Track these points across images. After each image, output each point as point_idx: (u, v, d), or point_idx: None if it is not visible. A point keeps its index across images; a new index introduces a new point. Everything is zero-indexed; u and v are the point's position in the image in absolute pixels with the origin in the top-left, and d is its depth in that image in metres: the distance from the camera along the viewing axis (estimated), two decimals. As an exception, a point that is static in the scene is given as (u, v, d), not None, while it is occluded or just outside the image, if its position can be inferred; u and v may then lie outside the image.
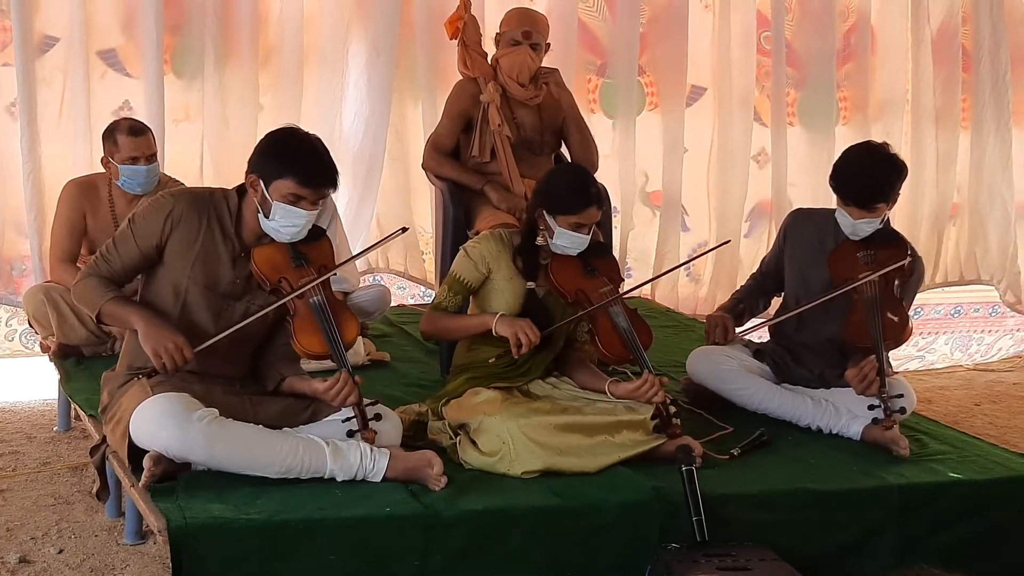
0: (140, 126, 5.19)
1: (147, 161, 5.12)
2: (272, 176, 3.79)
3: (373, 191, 6.40)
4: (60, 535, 4.13)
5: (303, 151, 3.85)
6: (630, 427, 4.07)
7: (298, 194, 3.79)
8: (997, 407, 6.58)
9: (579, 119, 5.60)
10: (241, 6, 6.12)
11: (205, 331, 3.85)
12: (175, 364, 3.74)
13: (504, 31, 5.41)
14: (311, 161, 3.83)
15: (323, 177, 3.84)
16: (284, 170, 3.79)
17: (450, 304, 4.34)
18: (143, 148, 5.11)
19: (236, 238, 3.90)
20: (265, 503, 3.54)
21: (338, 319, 3.88)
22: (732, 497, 3.87)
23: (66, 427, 5.32)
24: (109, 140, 5.14)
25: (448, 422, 4.15)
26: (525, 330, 4.14)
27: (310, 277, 3.87)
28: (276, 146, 3.88)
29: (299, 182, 3.78)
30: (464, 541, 3.61)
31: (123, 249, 3.87)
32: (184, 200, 3.88)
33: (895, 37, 7.37)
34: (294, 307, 3.87)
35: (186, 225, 3.84)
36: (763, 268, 4.98)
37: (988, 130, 7.49)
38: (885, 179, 4.45)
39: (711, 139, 7.13)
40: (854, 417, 4.42)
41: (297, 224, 3.84)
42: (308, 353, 3.90)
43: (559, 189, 4.26)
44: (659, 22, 6.95)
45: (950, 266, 7.57)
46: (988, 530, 4.08)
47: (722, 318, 4.81)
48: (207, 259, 3.86)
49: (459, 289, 4.33)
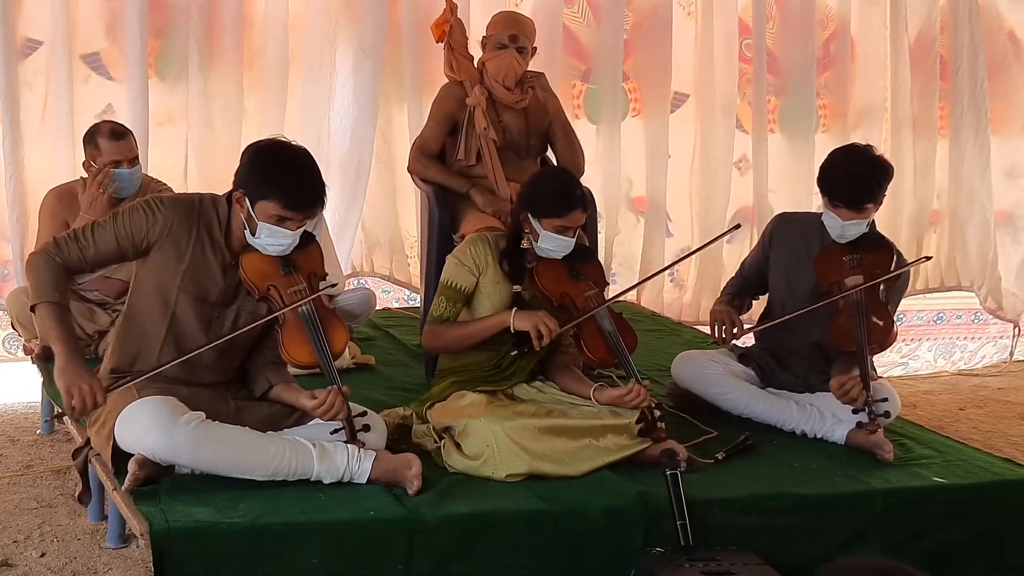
0: (121, 129, 5.15)
1: (129, 164, 5.08)
2: (257, 196, 3.74)
3: (360, 195, 6.39)
4: (42, 538, 4.10)
5: (289, 171, 3.78)
6: (615, 431, 4.07)
7: (283, 216, 3.75)
8: (982, 412, 6.58)
9: (565, 123, 5.59)
10: (226, 9, 6.10)
11: (194, 340, 3.81)
12: (84, 407, 3.59)
13: (491, 34, 5.40)
14: (297, 183, 3.76)
15: (308, 200, 3.78)
16: (269, 192, 3.72)
17: (449, 314, 4.30)
18: (125, 151, 5.07)
19: (225, 247, 3.87)
20: (248, 507, 3.52)
21: (327, 329, 3.84)
22: (717, 501, 3.87)
23: (49, 430, 5.29)
24: (90, 144, 5.09)
25: (433, 425, 4.14)
26: (545, 321, 4.13)
27: (300, 287, 3.84)
28: (262, 164, 3.80)
29: (284, 205, 3.73)
30: (448, 545, 3.60)
31: (99, 238, 3.78)
32: (176, 210, 3.82)
33: (874, 45, 7.40)
34: (283, 317, 3.84)
35: (176, 236, 3.80)
36: (744, 271, 4.95)
37: (966, 137, 7.52)
38: (873, 179, 4.48)
39: (693, 145, 7.15)
40: (838, 421, 4.43)
41: (282, 243, 3.80)
42: (296, 363, 3.87)
43: (544, 192, 4.25)
44: (643, 28, 6.96)
45: (930, 273, 7.59)
46: (972, 534, 4.09)
47: (728, 312, 4.70)
48: (197, 270, 3.82)
49: (456, 297, 4.30)
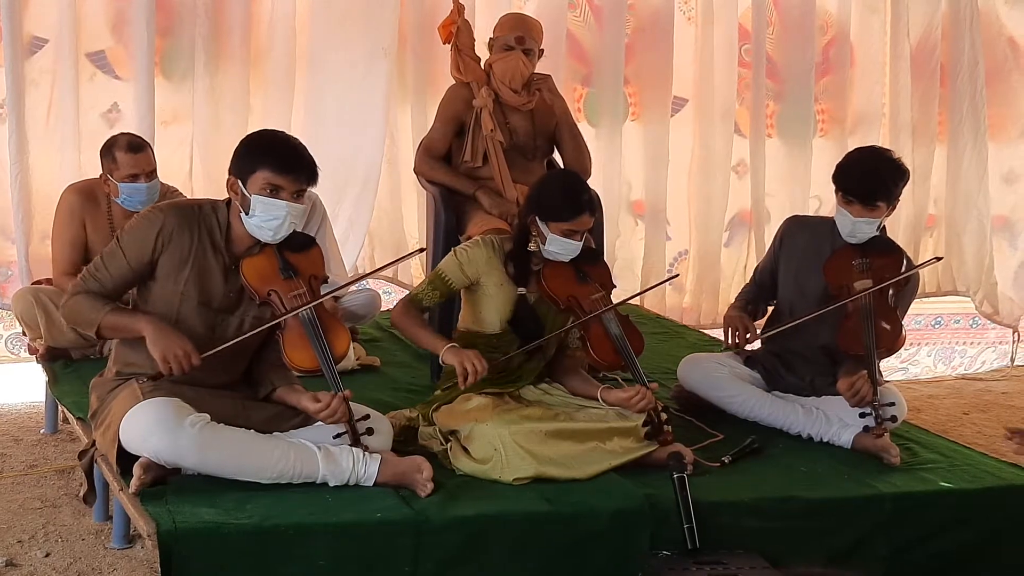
0: (139, 142, 5.05)
1: (147, 178, 4.98)
2: (248, 171, 3.76)
3: (370, 197, 6.35)
4: (47, 538, 4.10)
5: (276, 142, 3.85)
6: (621, 434, 4.07)
7: (275, 184, 3.74)
8: (986, 416, 6.60)
9: (572, 125, 5.58)
10: (233, 8, 6.09)
11: (200, 346, 3.79)
12: (182, 369, 3.69)
13: (498, 36, 5.39)
14: (285, 150, 3.81)
15: (298, 163, 3.79)
16: (258, 162, 3.76)
17: (426, 299, 4.31)
18: (143, 165, 4.97)
19: (227, 252, 3.86)
20: (255, 508, 3.52)
21: (328, 333, 3.84)
22: (723, 505, 3.87)
23: (53, 430, 5.27)
24: (107, 157, 4.99)
25: (439, 428, 4.14)
26: (472, 360, 4.08)
27: (299, 291, 3.83)
28: (250, 143, 3.87)
29: (274, 170, 3.74)
30: (455, 547, 3.60)
31: (112, 266, 3.80)
32: (174, 216, 3.81)
33: (873, 52, 7.42)
34: (284, 321, 3.83)
35: (177, 242, 3.79)
36: (757, 277, 4.96)
37: (965, 143, 7.54)
38: (889, 176, 4.51)
39: (692, 150, 7.15)
40: (845, 425, 4.43)
41: (278, 216, 3.77)
42: (298, 368, 3.86)
43: (552, 196, 4.24)
44: (644, 33, 6.97)
45: (927, 277, 7.59)
46: (979, 539, 4.10)
47: (741, 318, 4.73)
48: (200, 275, 3.81)
49: (440, 286, 4.30)
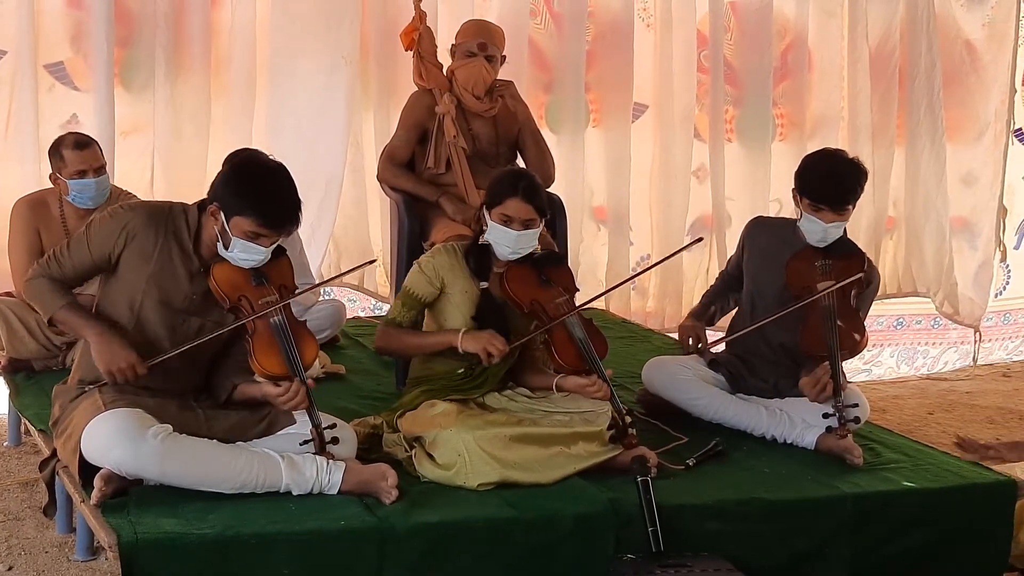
0: (85, 139, 5.11)
1: (96, 174, 5.04)
2: (233, 211, 3.75)
3: (332, 205, 6.34)
4: (10, 551, 4.08)
5: (265, 189, 3.81)
6: (586, 438, 4.07)
7: (257, 232, 3.76)
8: (950, 416, 6.65)
9: (535, 131, 5.60)
10: (192, 17, 6.06)
11: (159, 346, 3.81)
12: (127, 381, 3.72)
13: (459, 43, 5.40)
14: (272, 200, 3.79)
15: (284, 218, 3.80)
16: (244, 208, 3.74)
17: (404, 319, 4.31)
18: (90, 161, 5.03)
19: (195, 254, 3.86)
20: (217, 518, 3.51)
21: (298, 340, 3.84)
22: (687, 507, 3.88)
23: (16, 442, 5.24)
24: (55, 156, 5.05)
25: (403, 434, 4.12)
26: (492, 342, 4.13)
27: (271, 297, 3.84)
28: (239, 180, 3.82)
29: (259, 223, 3.75)
30: (419, 554, 3.60)
31: (75, 254, 3.85)
32: (141, 215, 3.84)
33: (831, 55, 7.45)
34: (253, 326, 3.82)
35: (141, 240, 3.80)
36: (728, 269, 5.02)
37: (923, 146, 7.59)
38: (854, 179, 4.55)
39: (652, 155, 7.17)
40: (808, 427, 4.45)
41: (255, 258, 3.81)
42: (267, 374, 3.83)
43: (492, 184, 4.32)
44: (605, 40, 6.98)
45: (888, 278, 7.65)
46: (941, 538, 4.13)
47: (693, 328, 4.83)
48: (162, 275, 3.82)
49: (412, 304, 4.31)
